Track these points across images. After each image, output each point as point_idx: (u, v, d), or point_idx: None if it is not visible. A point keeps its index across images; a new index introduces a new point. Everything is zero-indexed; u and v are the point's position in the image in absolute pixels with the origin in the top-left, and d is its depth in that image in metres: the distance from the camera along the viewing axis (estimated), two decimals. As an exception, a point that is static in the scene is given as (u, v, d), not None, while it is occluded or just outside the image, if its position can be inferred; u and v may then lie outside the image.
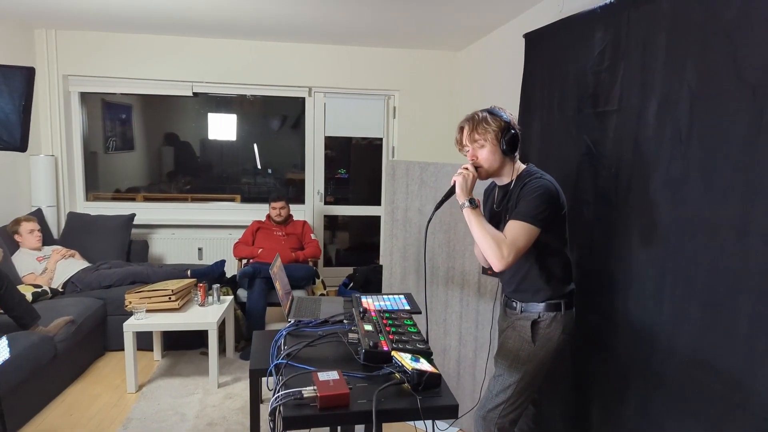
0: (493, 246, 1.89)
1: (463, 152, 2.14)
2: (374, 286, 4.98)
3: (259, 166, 5.76)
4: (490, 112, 2.05)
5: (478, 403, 2.19)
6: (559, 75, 2.65)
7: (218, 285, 3.86)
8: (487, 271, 2.98)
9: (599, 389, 2.29)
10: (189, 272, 4.23)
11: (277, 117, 5.82)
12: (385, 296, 2.45)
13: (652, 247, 1.96)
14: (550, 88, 2.74)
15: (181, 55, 5.08)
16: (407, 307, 2.27)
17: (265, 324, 4.27)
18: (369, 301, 2.34)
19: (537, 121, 2.87)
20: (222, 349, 3.98)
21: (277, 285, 2.32)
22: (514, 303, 2.13)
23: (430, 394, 1.60)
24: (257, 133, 5.75)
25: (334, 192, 5.76)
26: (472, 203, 1.96)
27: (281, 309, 4.66)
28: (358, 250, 5.95)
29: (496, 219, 2.09)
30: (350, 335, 1.96)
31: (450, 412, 1.58)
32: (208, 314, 3.62)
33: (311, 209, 5.58)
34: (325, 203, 5.66)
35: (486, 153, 2.02)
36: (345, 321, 2.14)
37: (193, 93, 5.23)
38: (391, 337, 1.89)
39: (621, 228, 2.16)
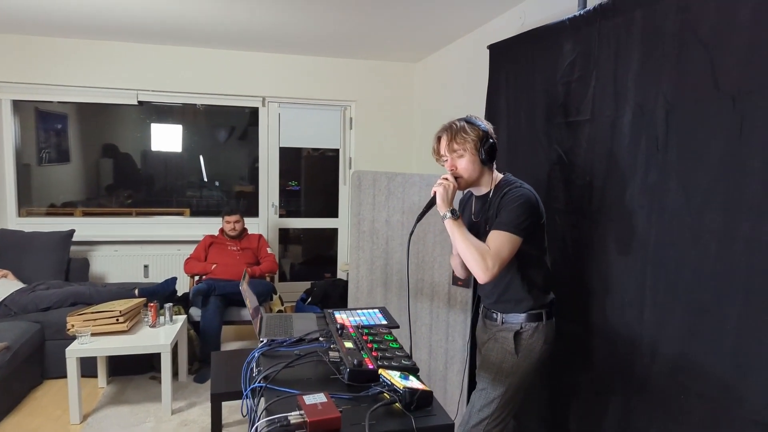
0: (478, 258, 1.84)
1: (440, 162, 2.09)
2: (333, 301, 4.86)
3: (205, 179, 5.53)
4: (468, 121, 2.01)
5: (459, 418, 2.13)
6: (526, 86, 2.66)
7: (170, 304, 3.63)
8: (457, 281, 2.94)
9: (578, 398, 2.28)
10: (137, 291, 3.96)
11: (224, 128, 5.62)
12: (358, 311, 2.36)
13: (630, 255, 1.98)
14: (517, 99, 2.76)
15: (125, 62, 4.82)
16: (384, 322, 2.18)
17: (221, 344, 4.06)
18: (343, 317, 2.24)
19: (503, 131, 2.88)
20: (174, 373, 3.74)
21: (248, 302, 2.18)
22: (494, 314, 2.09)
23: (423, 413, 1.52)
24: (204, 144, 5.52)
25: (286, 205, 5.60)
26: (454, 214, 1.91)
27: (237, 328, 4.47)
28: (313, 264, 5.80)
29: (475, 230, 2.05)
30: (331, 354, 1.85)
31: (445, 431, 1.51)
32: (160, 336, 3.39)
33: (265, 222, 5.40)
34: (279, 216, 5.49)
35: (465, 163, 1.98)
36: (321, 339, 2.03)
37: (138, 102, 4.97)
38: (374, 354, 1.80)
39: (595, 236, 2.17)
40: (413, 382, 1.60)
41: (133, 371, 3.83)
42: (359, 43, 4.60)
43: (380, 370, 1.68)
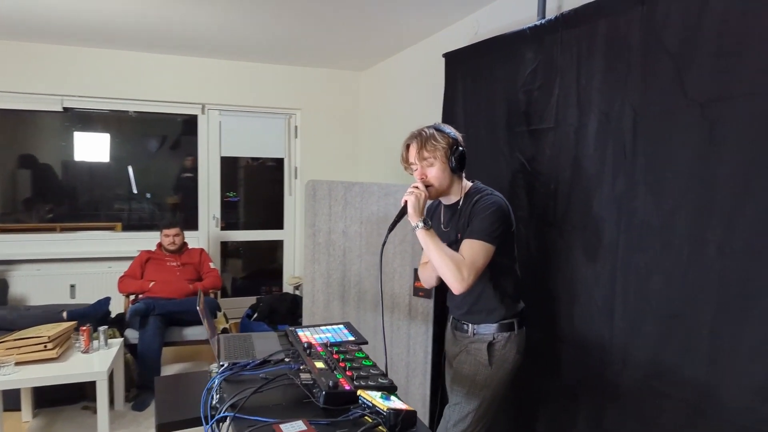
0: (453, 268, 1.79)
1: (408, 171, 2.03)
2: (281, 316, 4.67)
3: (135, 190, 5.20)
4: (437, 129, 1.97)
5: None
6: (486, 94, 2.66)
7: (105, 327, 3.34)
8: (419, 293, 2.89)
9: (546, 407, 2.27)
10: (65, 314, 3.62)
11: (155, 137, 5.32)
12: (322, 327, 2.24)
13: (599, 262, 1.99)
14: (476, 107, 2.75)
15: (49, 66, 4.44)
16: (351, 338, 2.08)
17: (161, 367, 3.78)
18: (307, 335, 2.12)
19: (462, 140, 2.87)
20: (109, 401, 3.43)
21: (205, 323, 2.02)
22: (465, 326, 2.04)
23: (409, 435, 1.44)
24: (134, 154, 5.18)
25: (225, 217, 5.34)
26: (426, 224, 1.85)
27: (177, 349, 4.18)
28: (256, 278, 5.58)
29: (445, 239, 1.99)
30: (302, 375, 1.72)
31: (435, 453, 1.43)
32: (94, 362, 3.10)
33: (206, 235, 5.13)
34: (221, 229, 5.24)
35: (436, 171, 1.93)
36: (287, 360, 1.89)
37: (63, 108, 4.60)
38: (349, 373, 1.70)
39: (561, 244, 2.18)
40: (395, 402, 1.52)
41: (62, 401, 3.49)
42: (305, 50, 4.49)
43: (359, 391, 1.58)
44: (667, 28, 1.71)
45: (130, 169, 5.17)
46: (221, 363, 1.87)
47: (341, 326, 2.28)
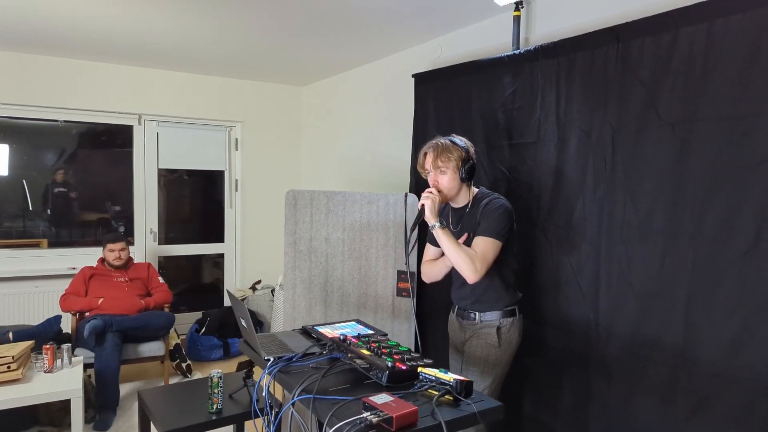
0: (468, 261, 2.07)
1: (423, 174, 2.30)
2: (231, 329, 4.63)
3: (29, 207, 4.84)
4: (452, 141, 2.25)
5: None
6: (461, 112, 2.98)
7: (68, 345, 3.17)
8: (402, 293, 3.11)
9: (532, 382, 2.59)
10: (11, 335, 3.35)
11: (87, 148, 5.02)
12: (337, 324, 2.40)
13: (583, 255, 2.36)
14: (450, 124, 3.06)
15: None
16: (371, 332, 2.26)
17: (119, 386, 3.61)
18: (329, 330, 2.26)
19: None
20: (66, 424, 3.24)
21: (243, 323, 2.09)
22: (472, 314, 2.30)
23: (472, 400, 1.66)
24: (34, 166, 4.77)
25: (162, 230, 5.17)
26: (442, 223, 2.13)
27: (131, 367, 3.99)
28: (196, 293, 5.42)
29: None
30: (357, 361, 1.88)
31: (498, 412, 1.67)
32: (63, 380, 2.94)
33: (143, 250, 4.94)
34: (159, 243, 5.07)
35: (447, 180, 2.21)
36: (324, 352, 2.03)
37: (-16, 114, 4.25)
38: (396, 356, 1.89)
39: (544, 241, 2.53)
40: (454, 375, 1.74)
41: (10, 428, 3.21)
42: (247, 63, 4.54)
43: (419, 369, 1.78)
44: (641, 62, 2.13)
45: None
46: (267, 358, 1.96)
47: (353, 323, 2.45)
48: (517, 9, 2.78)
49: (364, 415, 1.51)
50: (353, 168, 4.53)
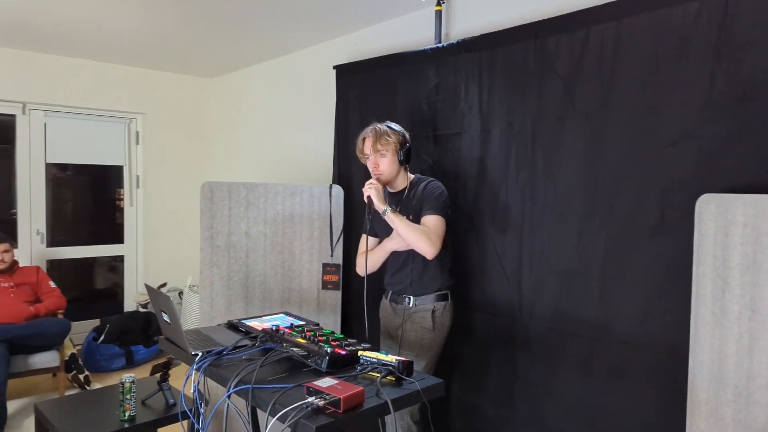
0: (423, 238, 2.13)
1: (363, 160, 2.32)
2: (134, 336, 4.31)
3: None
4: (389, 126, 2.30)
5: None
6: (384, 103, 3.01)
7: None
8: (327, 285, 3.07)
9: (461, 365, 2.66)
10: None
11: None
12: (265, 317, 2.32)
13: (506, 239, 2.47)
14: (375, 115, 3.06)
15: None
16: (302, 322, 2.21)
17: (6, 403, 3.22)
18: (258, 323, 2.18)
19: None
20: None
21: (163, 318, 1.94)
22: (406, 299, 2.32)
23: (415, 379, 1.68)
24: None
25: (50, 231, 4.68)
26: (392, 207, 2.16)
27: (22, 381, 3.56)
28: (91, 299, 4.97)
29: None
30: (293, 350, 1.82)
31: (439, 389, 1.70)
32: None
33: (28, 253, 4.45)
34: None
35: (387, 162, 2.26)
36: (255, 344, 1.95)
37: None
38: (333, 343, 1.86)
39: (470, 228, 2.61)
40: (393, 356, 1.74)
41: None
42: (152, 51, 4.27)
43: (360, 352, 1.77)
44: (557, 57, 2.27)
45: None
46: (194, 353, 1.84)
47: (282, 315, 2.38)
48: (438, 4, 2.86)
49: (309, 399, 1.47)
50: (273, 162, 4.40)
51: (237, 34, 3.73)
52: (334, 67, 3.36)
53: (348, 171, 3.27)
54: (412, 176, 2.38)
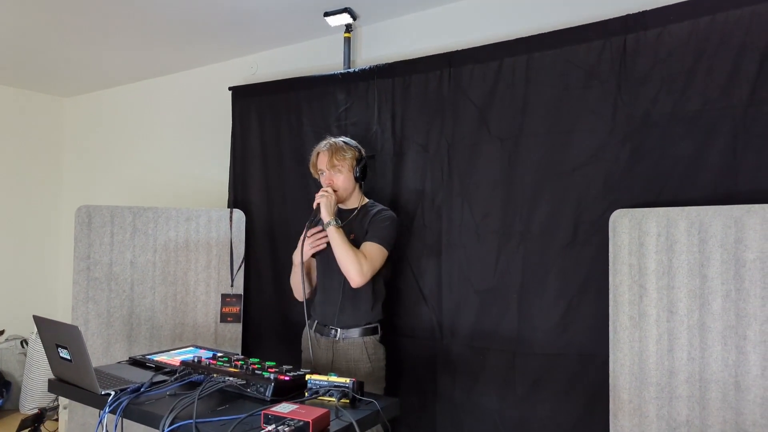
0: (356, 262, 2.03)
1: (316, 175, 2.24)
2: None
3: None
4: (345, 141, 2.23)
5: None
6: (290, 126, 2.92)
7: None
8: (227, 318, 2.81)
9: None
10: None
11: None
12: (173, 351, 2.05)
13: (424, 260, 2.48)
14: (277, 138, 2.97)
15: None
16: (219, 354, 1.98)
17: None
18: (167, 358, 1.92)
19: (258, 170, 3.02)
20: None
21: (66, 355, 1.60)
22: (333, 331, 2.17)
23: (368, 399, 1.58)
24: None
25: None
26: (337, 222, 2.08)
27: None
28: None
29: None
30: (230, 379, 1.60)
31: (395, 407, 1.62)
32: None
33: None
34: None
35: (343, 179, 2.19)
36: (172, 377, 1.70)
37: None
38: (271, 370, 1.69)
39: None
40: (344, 378, 1.63)
41: None
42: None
43: (307, 376, 1.63)
44: (471, 85, 2.41)
45: None
46: (104, 392, 1.54)
47: (192, 348, 2.14)
48: (347, 31, 2.89)
49: (271, 427, 1.30)
50: (155, 188, 3.95)
51: (114, 48, 3.39)
52: (230, 89, 3.20)
53: (246, 197, 3.08)
54: (366, 200, 2.30)
